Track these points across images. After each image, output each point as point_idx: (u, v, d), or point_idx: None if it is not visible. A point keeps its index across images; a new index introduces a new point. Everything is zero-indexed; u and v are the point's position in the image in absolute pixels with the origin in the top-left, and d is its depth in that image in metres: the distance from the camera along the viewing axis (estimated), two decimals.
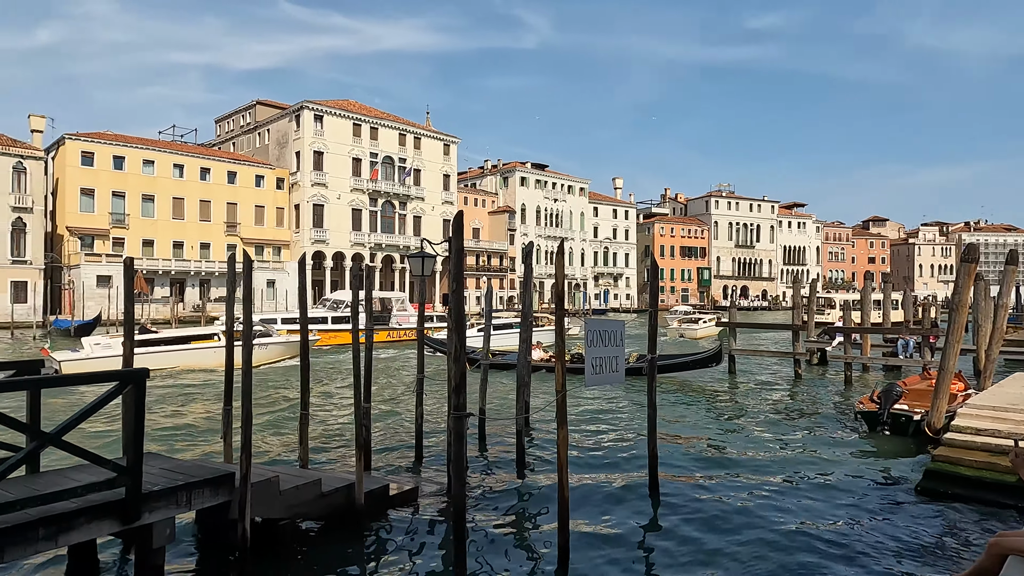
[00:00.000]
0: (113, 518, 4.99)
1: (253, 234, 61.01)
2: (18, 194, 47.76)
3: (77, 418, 4.80)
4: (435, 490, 8.34)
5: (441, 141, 73.50)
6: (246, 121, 71.12)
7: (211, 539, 6.63)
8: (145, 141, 58.16)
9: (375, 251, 66.68)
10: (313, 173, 62.40)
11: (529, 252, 9.59)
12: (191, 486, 5.52)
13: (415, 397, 9.83)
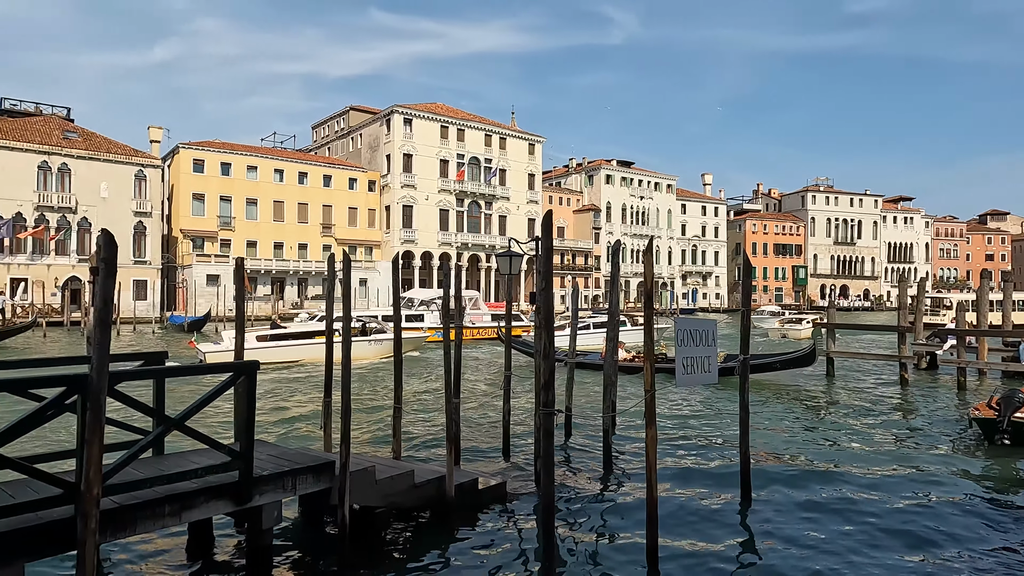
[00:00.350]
0: (228, 499, 5.38)
1: (346, 235, 63.55)
2: (139, 200, 51.90)
3: (197, 405, 5.21)
4: (522, 486, 8.46)
5: (526, 141, 73.93)
6: (340, 127, 74.17)
7: (312, 523, 7.01)
8: (249, 148, 61.77)
9: (461, 250, 67.91)
10: (403, 175, 64.29)
11: (616, 250, 9.53)
12: (296, 472, 5.87)
13: (503, 394, 9.98)
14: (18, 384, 5.22)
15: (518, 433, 11.18)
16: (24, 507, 4.43)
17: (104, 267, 4.46)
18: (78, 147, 49.86)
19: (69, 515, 4.52)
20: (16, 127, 48.94)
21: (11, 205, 46.27)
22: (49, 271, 47.71)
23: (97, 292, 4.45)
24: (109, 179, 50.63)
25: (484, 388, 18.36)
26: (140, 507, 4.86)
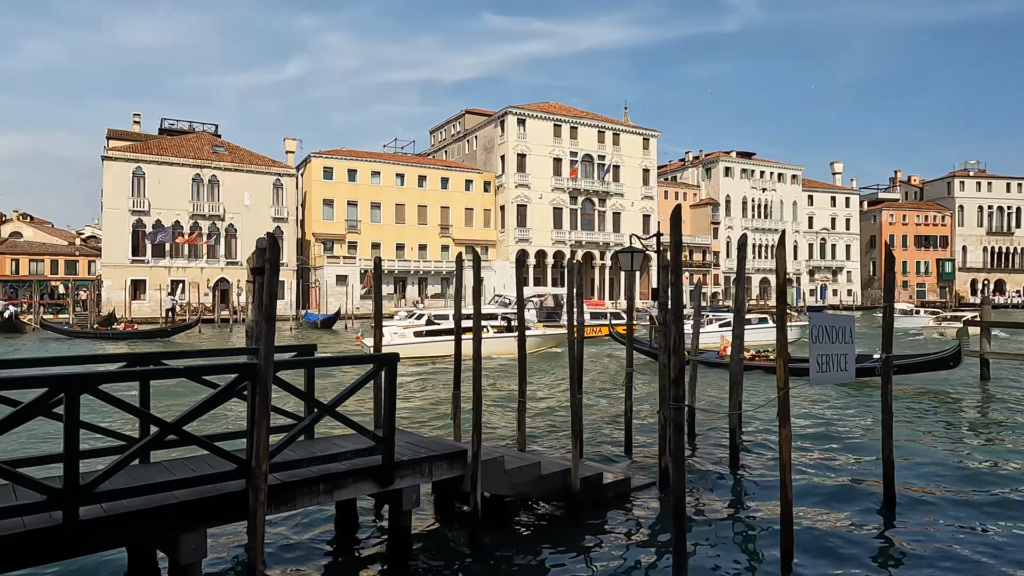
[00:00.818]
0: (372, 481, 5.81)
1: (463, 235, 65.41)
2: (276, 206, 56.19)
3: (347, 393, 5.67)
4: (647, 482, 8.43)
5: (640, 135, 72.69)
6: (456, 130, 76.40)
7: (444, 509, 7.38)
8: (373, 155, 65.09)
9: (575, 248, 67.89)
10: (516, 175, 65.23)
11: (743, 245, 9.25)
12: (432, 459, 6.22)
13: (624, 390, 9.98)
14: (194, 371, 5.92)
15: (637, 430, 11.11)
16: (205, 479, 5.03)
17: (269, 267, 4.97)
18: (225, 160, 54.77)
19: (241, 488, 5.08)
20: (174, 144, 54.52)
21: (171, 214, 51.61)
22: (202, 273, 52.77)
23: (263, 290, 4.96)
24: (251, 188, 55.20)
25: (597, 385, 18.36)
26: (299, 484, 5.36)
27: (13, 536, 4.19)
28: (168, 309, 45.49)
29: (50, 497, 4.31)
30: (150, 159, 51.51)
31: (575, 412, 7.62)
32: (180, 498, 4.84)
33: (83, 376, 4.50)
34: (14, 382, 4.68)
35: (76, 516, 4.36)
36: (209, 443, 5.01)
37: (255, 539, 4.86)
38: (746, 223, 79.33)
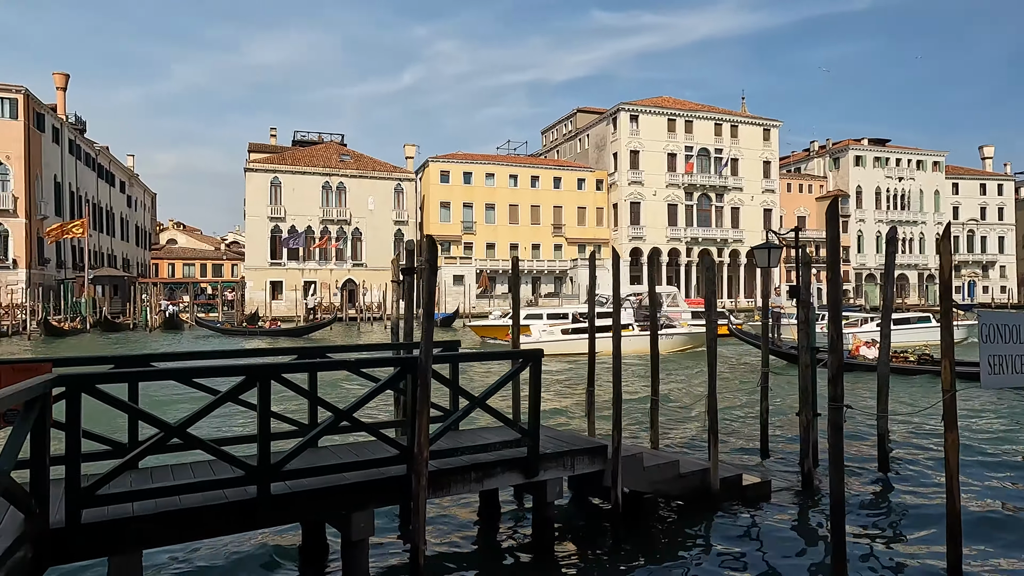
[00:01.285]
0: (518, 472, 6.04)
1: (576, 234, 65.40)
2: (398, 210, 58.82)
3: (495, 387, 5.94)
4: (788, 485, 8.15)
5: (760, 126, 69.50)
6: (568, 129, 76.50)
7: (579, 502, 7.52)
8: (486, 157, 66.54)
9: (691, 246, 66.03)
10: (629, 172, 64.37)
11: (892, 239, 8.71)
12: (574, 453, 6.38)
13: (760, 391, 9.69)
14: (354, 364, 6.41)
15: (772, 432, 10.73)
16: (370, 463, 5.46)
17: (428, 266, 5.31)
18: (351, 168, 58.05)
19: (402, 473, 5.46)
20: (305, 155, 58.47)
21: (303, 220, 55.39)
22: (331, 274, 56.22)
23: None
24: (375, 193, 58.14)
25: (722, 385, 17.81)
26: (452, 472, 5.69)
27: (218, 506, 4.77)
28: (310, 308, 49.14)
29: (248, 473, 4.85)
30: (285, 169, 55.56)
31: (712, 412, 7.52)
32: (350, 480, 5.29)
33: (273, 367, 5.04)
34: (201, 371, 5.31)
35: (268, 491, 4.88)
36: (375, 429, 5.44)
37: (418, 520, 5.21)
38: (879, 215, 73.80)
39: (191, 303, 49.36)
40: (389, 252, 58.41)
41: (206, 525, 4.78)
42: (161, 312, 43.37)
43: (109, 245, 60.50)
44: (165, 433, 4.65)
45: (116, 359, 6.00)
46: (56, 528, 4.21)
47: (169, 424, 4.66)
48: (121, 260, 63.62)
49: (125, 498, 4.55)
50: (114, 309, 46.10)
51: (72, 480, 4.27)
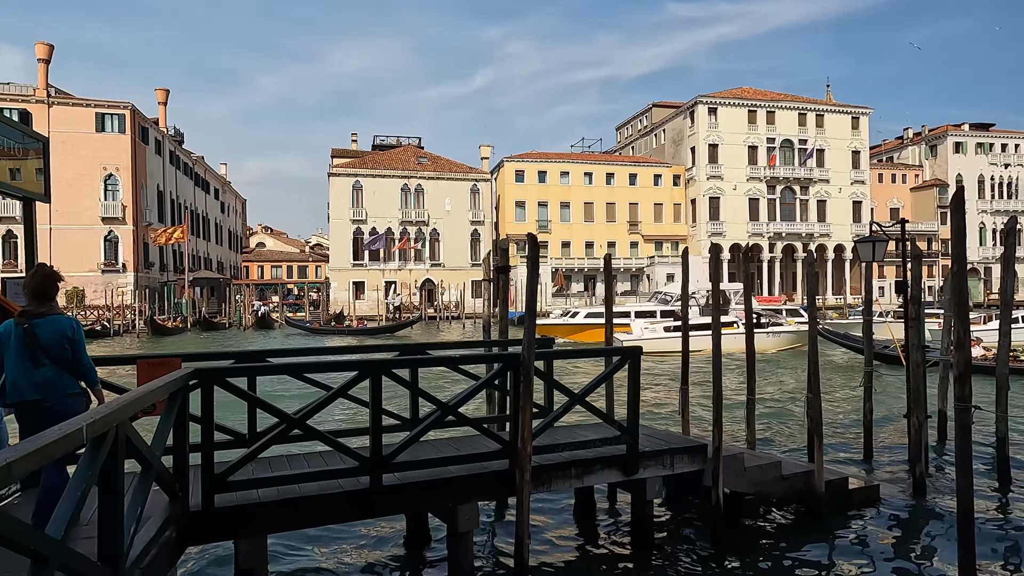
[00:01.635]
0: (617, 469, 6.03)
1: (652, 231, 64.35)
2: (474, 210, 59.61)
3: (595, 384, 5.96)
4: (897, 491, 7.77)
5: (848, 114, 66.20)
6: (643, 124, 75.33)
7: (675, 502, 7.42)
8: (561, 155, 66.42)
9: (774, 241, 63.72)
10: (708, 166, 62.75)
11: (1011, 229, 8.13)
12: (673, 451, 6.31)
13: (863, 391, 9.27)
14: (455, 360, 6.56)
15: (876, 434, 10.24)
16: (473, 457, 5.58)
17: (530, 264, 5.38)
18: (428, 170, 59.27)
19: (504, 467, 5.56)
20: (385, 159, 60.13)
21: (384, 222, 57.00)
22: (410, 275, 57.60)
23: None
24: (451, 194, 59.13)
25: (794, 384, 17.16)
26: (553, 467, 5.75)
27: (335, 495, 5.00)
28: (394, 307, 50.66)
29: (361, 464, 5.07)
30: (366, 173, 57.32)
31: (816, 411, 7.26)
32: (454, 473, 5.43)
33: (383, 362, 5.24)
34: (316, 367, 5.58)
35: (380, 482, 5.08)
36: (478, 424, 5.56)
37: (522, 513, 5.29)
38: (983, 204, 68.89)
39: (280, 303, 51.72)
40: (466, 252, 59.32)
41: (324, 513, 5.03)
42: (254, 312, 45.67)
43: (205, 249, 64.18)
44: (287, 424, 4.91)
45: (236, 355, 6.39)
46: (194, 511, 4.53)
47: (290, 416, 4.93)
48: (216, 263, 67.37)
49: (251, 485, 4.85)
50: (211, 309, 48.88)
51: (207, 466, 4.59)
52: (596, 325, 31.26)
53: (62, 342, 3.94)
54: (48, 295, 4.02)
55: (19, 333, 3.88)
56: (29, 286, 4.01)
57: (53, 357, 3.91)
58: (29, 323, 3.90)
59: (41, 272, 4.06)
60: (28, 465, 2.30)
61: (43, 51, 45.98)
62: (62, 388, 3.97)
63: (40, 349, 3.87)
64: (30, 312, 3.94)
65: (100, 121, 46.42)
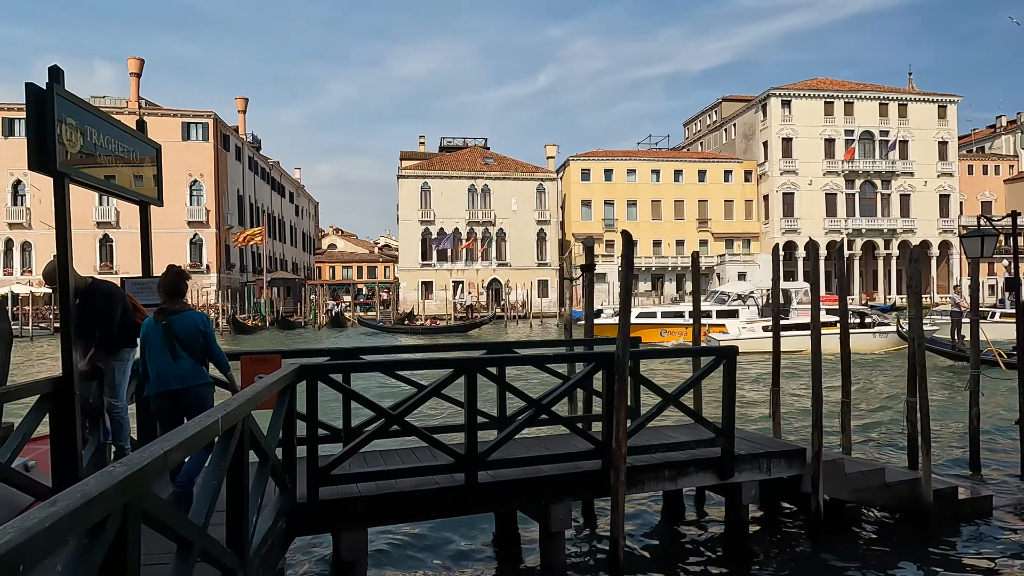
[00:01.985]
0: (712, 472, 5.88)
1: (722, 228, 62.76)
2: (540, 210, 59.63)
3: (689, 384, 5.83)
4: (1012, 502, 7.27)
5: (934, 103, 62.69)
6: (712, 120, 73.52)
7: (768, 508, 7.16)
8: (627, 153, 65.63)
9: (853, 237, 60.98)
10: (781, 161, 60.69)
11: None
12: (770, 455, 6.10)
13: (969, 396, 8.72)
14: (538, 359, 6.54)
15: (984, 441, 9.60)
16: (565, 457, 5.55)
17: (624, 262, 5.30)
18: (494, 170, 59.67)
19: (596, 467, 5.50)
20: (452, 160, 60.93)
21: (451, 222, 57.76)
22: (477, 274, 58.14)
23: (621, 283, 5.30)
24: (517, 194, 59.34)
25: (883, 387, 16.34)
26: (647, 469, 5.65)
27: (432, 491, 5.07)
28: (466, 306, 51.31)
29: (457, 461, 5.12)
30: (433, 174, 58.23)
31: (924, 416, 6.87)
32: (547, 472, 5.40)
33: (478, 360, 5.28)
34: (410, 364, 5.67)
35: (476, 479, 5.12)
36: (572, 423, 5.52)
37: (616, 514, 5.23)
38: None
39: (352, 303, 53.17)
40: (532, 252, 59.39)
41: (421, 508, 5.10)
42: (328, 311, 47.12)
43: (281, 251, 66.68)
44: (387, 420, 5.01)
45: (328, 352, 6.58)
46: (300, 503, 4.68)
47: (390, 412, 5.02)
48: (291, 264, 69.90)
49: (352, 479, 4.96)
50: (287, 309, 50.75)
51: (312, 460, 4.74)
52: (649, 325, 30.41)
53: (197, 335, 4.31)
54: (180, 292, 4.38)
55: (159, 329, 4.21)
56: (163, 285, 4.35)
57: (189, 349, 4.24)
58: (167, 319, 4.23)
59: (173, 272, 4.42)
60: (179, 454, 2.41)
61: (135, 65, 48.87)
62: (197, 378, 4.33)
63: (178, 342, 4.21)
64: (167, 309, 4.27)
65: (185, 130, 48.92)
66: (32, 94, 4.03)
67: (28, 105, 4.06)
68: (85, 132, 4.47)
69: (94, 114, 4.60)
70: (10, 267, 47.39)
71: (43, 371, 21.68)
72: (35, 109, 4.04)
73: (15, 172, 46.59)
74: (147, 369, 4.28)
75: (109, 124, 4.82)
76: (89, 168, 4.54)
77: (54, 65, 4.18)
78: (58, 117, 4.09)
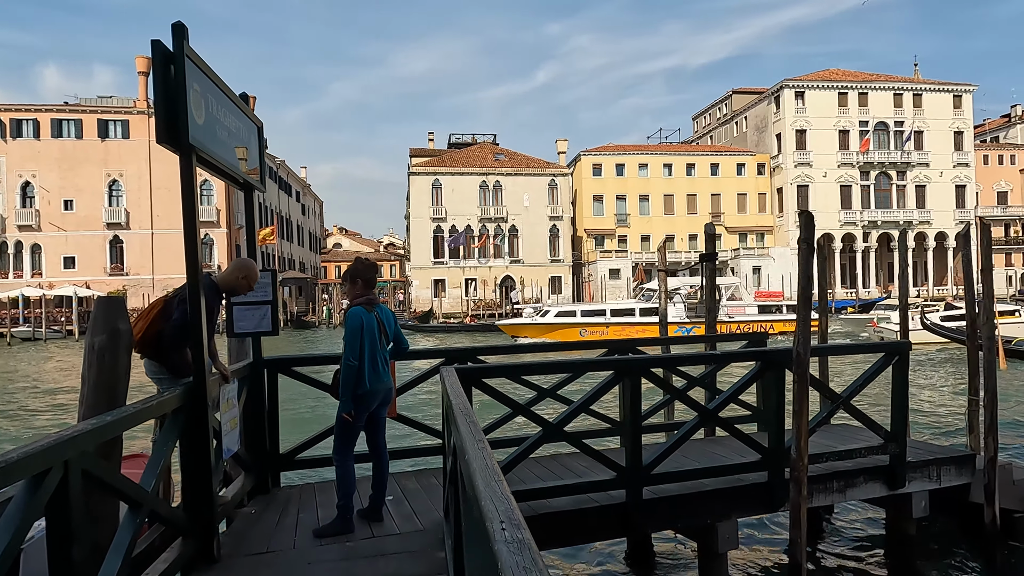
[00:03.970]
0: (881, 482, 5.26)
1: (736, 222, 62.08)
2: (552, 206, 58.93)
3: (859, 386, 5.20)
4: None
5: (949, 92, 61.94)
6: (722, 113, 72.80)
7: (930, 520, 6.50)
8: (639, 147, 64.89)
9: (868, 230, 60.35)
10: (795, 153, 59.97)
11: None
12: (940, 462, 5.48)
13: None
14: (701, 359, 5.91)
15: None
16: (728, 469, 4.92)
17: (806, 247, 4.66)
18: (505, 166, 58.97)
19: (761, 480, 4.88)
20: (462, 156, 60.23)
21: (463, 219, 57.09)
22: (490, 272, 57.49)
23: (800, 273, 4.68)
24: (529, 190, 58.63)
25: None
26: (814, 480, 5.02)
27: (591, 510, 4.45)
28: (514, 303, 50.59)
29: (618, 476, 4.50)
30: (445, 171, 57.53)
31: None
32: (710, 486, 4.79)
33: (641, 361, 4.66)
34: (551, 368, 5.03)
35: (639, 496, 4.50)
36: (739, 431, 4.90)
37: (797, 532, 4.61)
38: None
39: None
40: (545, 248, 58.73)
41: (581, 530, 4.49)
42: (343, 311, 46.54)
43: (289, 250, 66.04)
44: (544, 431, 4.39)
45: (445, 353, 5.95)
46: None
47: (549, 423, 4.41)
48: (299, 264, 69.25)
49: None
50: (300, 309, 50.14)
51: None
52: (567, 324, 28.41)
53: (393, 322, 4.53)
54: (375, 283, 4.49)
55: (372, 319, 4.30)
56: (363, 276, 4.41)
57: (389, 335, 4.45)
58: (375, 309, 4.37)
59: (367, 264, 4.48)
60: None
61: (143, 64, 48.14)
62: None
63: (387, 329, 4.41)
64: (373, 300, 4.40)
65: None
66: (160, 54, 3.40)
67: (155, 69, 3.43)
68: (208, 102, 3.85)
69: (214, 81, 3.98)
70: (20, 269, 46.70)
71: (70, 377, 21.06)
72: (162, 73, 3.42)
73: (24, 173, 45.92)
74: (364, 362, 4.16)
75: (224, 95, 4.19)
76: (211, 144, 3.92)
77: (178, 22, 3.55)
78: (188, 83, 3.47)
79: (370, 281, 4.46)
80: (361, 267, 4.45)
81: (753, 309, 31.38)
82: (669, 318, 30.72)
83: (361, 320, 4.18)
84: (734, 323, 29.79)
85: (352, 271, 4.46)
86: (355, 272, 4.44)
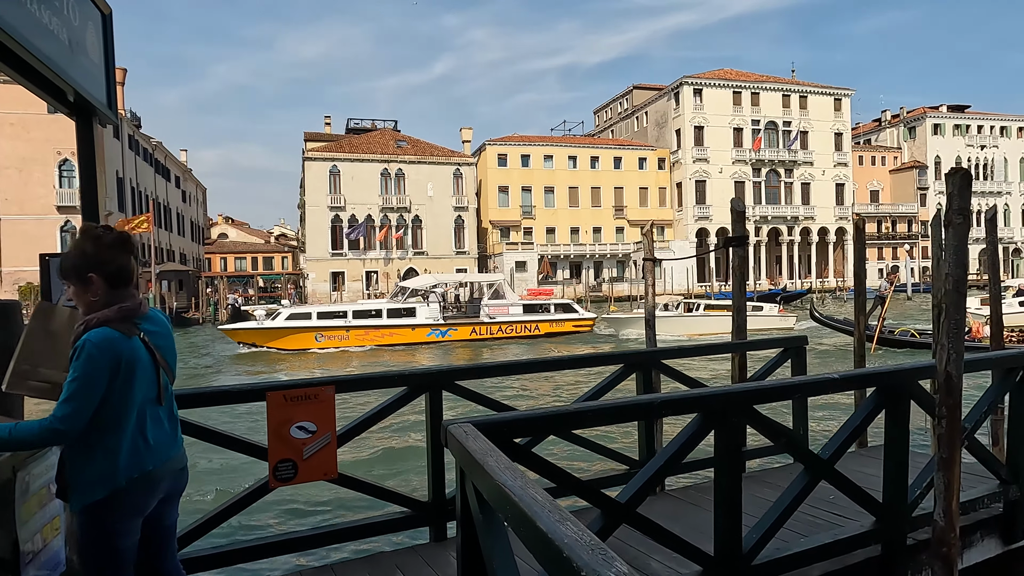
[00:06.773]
0: (996, 537, 4.01)
1: (638, 215, 62.79)
2: (457, 196, 57.00)
3: (984, 415, 3.90)
4: None
5: (831, 96, 65.71)
6: (623, 107, 73.63)
7: None
8: (544, 139, 64.22)
9: (760, 224, 62.94)
10: (694, 149, 61.45)
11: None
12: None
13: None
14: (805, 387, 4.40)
15: None
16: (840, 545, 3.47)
17: (960, 224, 3.27)
18: (408, 154, 56.37)
19: (875, 554, 3.48)
20: (362, 142, 56.99)
21: (363, 208, 53.99)
22: (393, 264, 54.80)
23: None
24: (433, 179, 56.37)
25: None
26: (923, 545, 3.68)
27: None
28: (229, 304, 47.29)
29: (707, 567, 2.92)
30: (343, 157, 54.12)
31: None
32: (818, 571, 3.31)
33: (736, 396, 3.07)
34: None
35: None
36: (856, 487, 3.43)
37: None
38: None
39: (256, 296, 48.43)
40: (450, 239, 56.77)
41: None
42: (228, 306, 42.43)
43: (168, 240, 60.12)
44: (607, 513, 2.72)
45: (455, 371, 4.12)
46: None
47: (615, 500, 2.74)
48: (179, 255, 63.30)
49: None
50: (180, 304, 45.41)
51: None
52: (300, 329, 24.88)
53: (172, 339, 2.72)
54: (131, 277, 2.55)
55: (138, 350, 2.40)
56: (104, 267, 2.27)
57: (173, 368, 2.76)
58: (140, 327, 2.45)
59: (107, 241, 2.34)
60: None
61: None
62: None
63: (168, 359, 2.66)
64: (134, 309, 2.59)
65: None
66: None
67: None
68: None
69: None
70: None
71: None
72: None
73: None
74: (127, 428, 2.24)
75: None
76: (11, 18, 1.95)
77: None
78: None
79: (122, 273, 2.29)
80: (94, 249, 2.23)
81: (518, 308, 28.60)
82: (422, 319, 26.59)
83: (118, 355, 2.16)
84: (495, 324, 27.60)
85: (76, 260, 2.23)
86: (84, 261, 2.22)
